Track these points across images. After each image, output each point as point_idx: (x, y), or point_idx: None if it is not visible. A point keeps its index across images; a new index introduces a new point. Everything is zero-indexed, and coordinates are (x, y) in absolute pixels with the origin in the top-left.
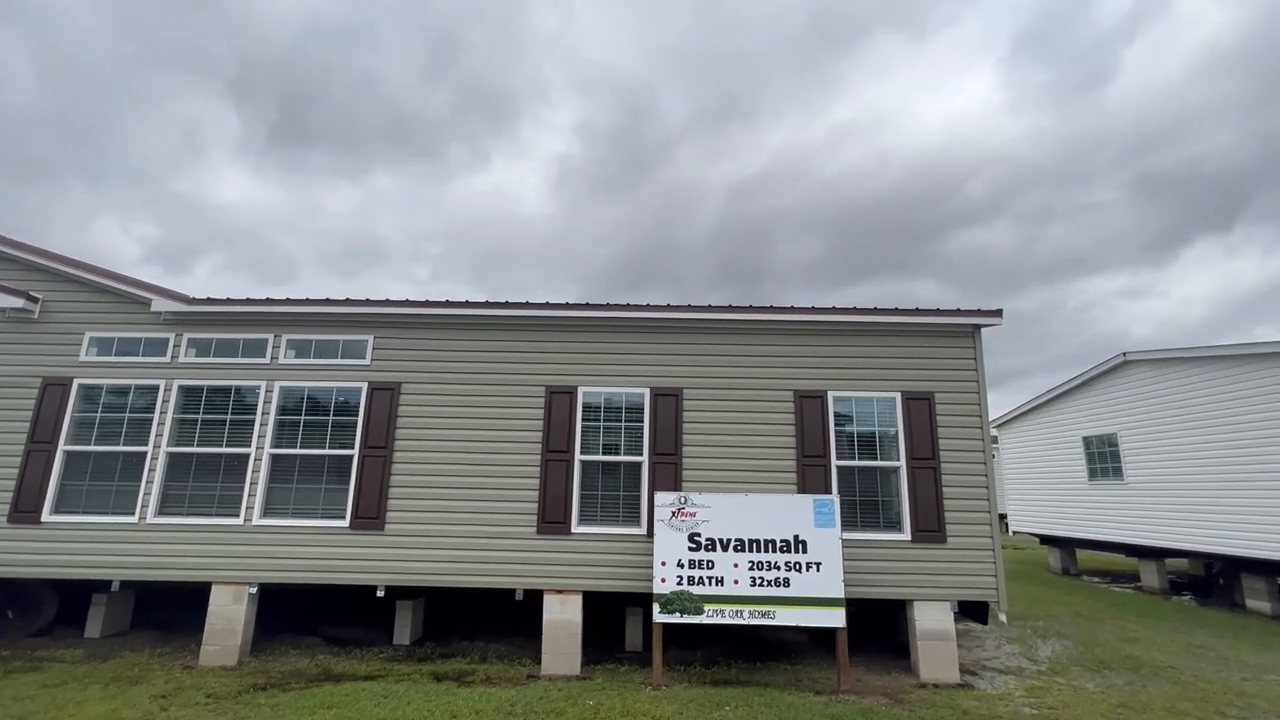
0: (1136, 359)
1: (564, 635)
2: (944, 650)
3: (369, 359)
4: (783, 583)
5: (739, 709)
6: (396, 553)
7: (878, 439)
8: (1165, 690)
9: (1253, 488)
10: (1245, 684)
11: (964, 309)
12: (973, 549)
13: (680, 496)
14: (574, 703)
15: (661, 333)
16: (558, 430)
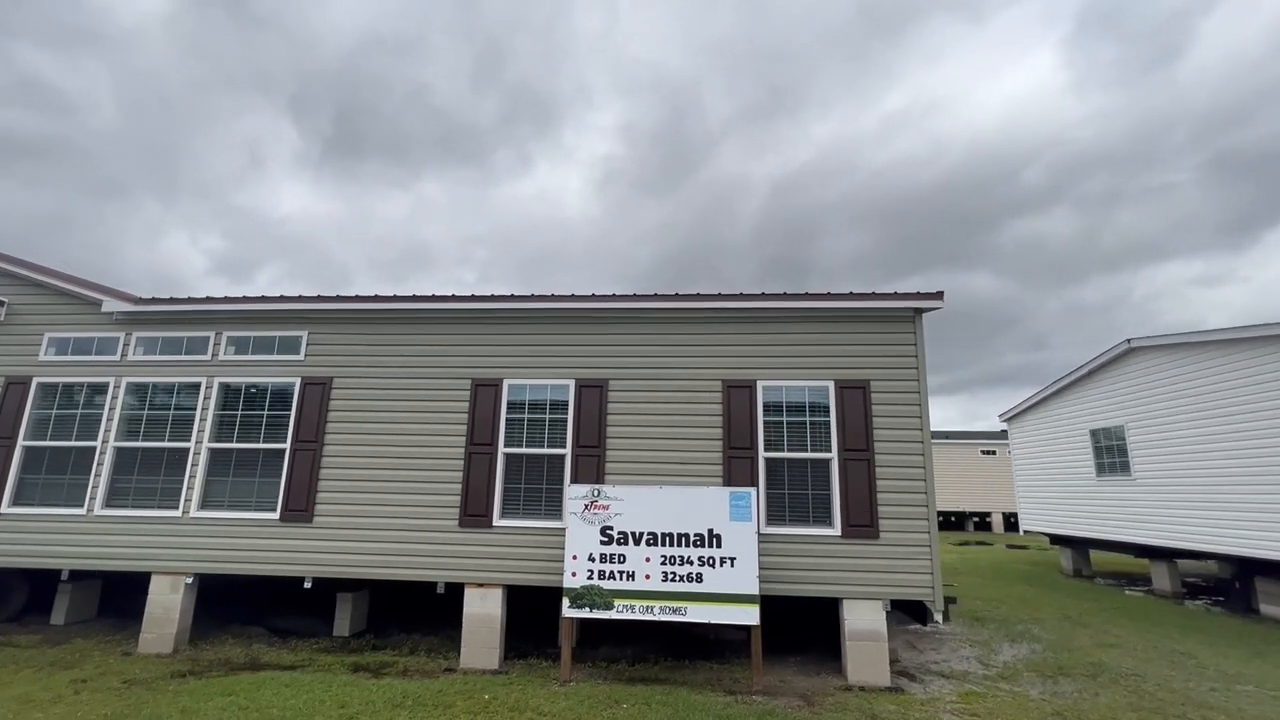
0: (1143, 345)
1: (484, 629)
2: (874, 651)
3: (303, 354)
4: (695, 578)
5: (635, 706)
6: (324, 544)
7: (808, 430)
8: (1115, 699)
9: (1266, 482)
10: (1211, 694)
11: (902, 292)
12: (907, 545)
13: (593, 489)
14: (469, 696)
15: (588, 323)
16: (482, 423)
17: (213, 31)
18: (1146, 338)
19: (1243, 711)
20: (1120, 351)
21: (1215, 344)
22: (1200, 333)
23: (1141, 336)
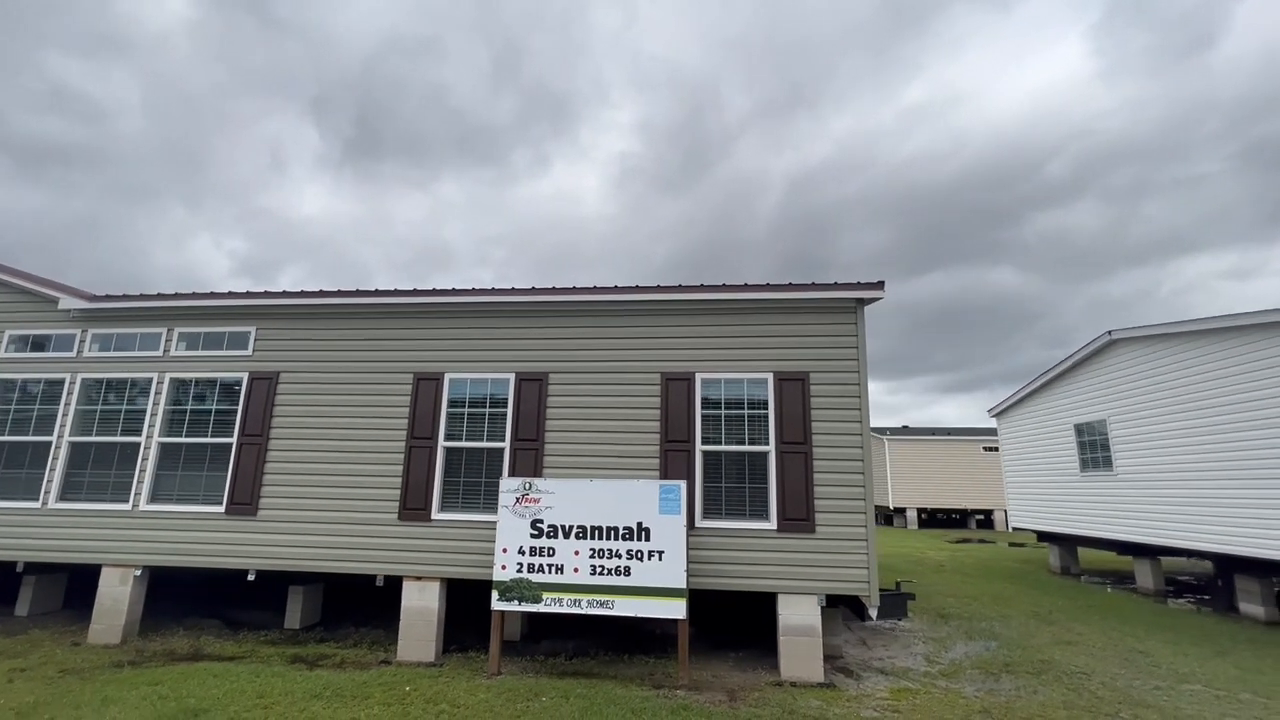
0: (1123, 337)
1: (421, 622)
2: (808, 647)
3: (251, 350)
4: (624, 571)
5: (553, 699)
6: (267, 538)
7: (746, 422)
8: (1052, 696)
9: (1245, 478)
10: (1154, 694)
11: (843, 282)
12: (844, 539)
13: (525, 482)
14: (390, 689)
15: (528, 316)
16: (423, 417)
17: (236, 35)
18: (1127, 329)
19: (1179, 710)
20: (1102, 344)
21: (1193, 335)
22: (1179, 323)
23: (1122, 328)
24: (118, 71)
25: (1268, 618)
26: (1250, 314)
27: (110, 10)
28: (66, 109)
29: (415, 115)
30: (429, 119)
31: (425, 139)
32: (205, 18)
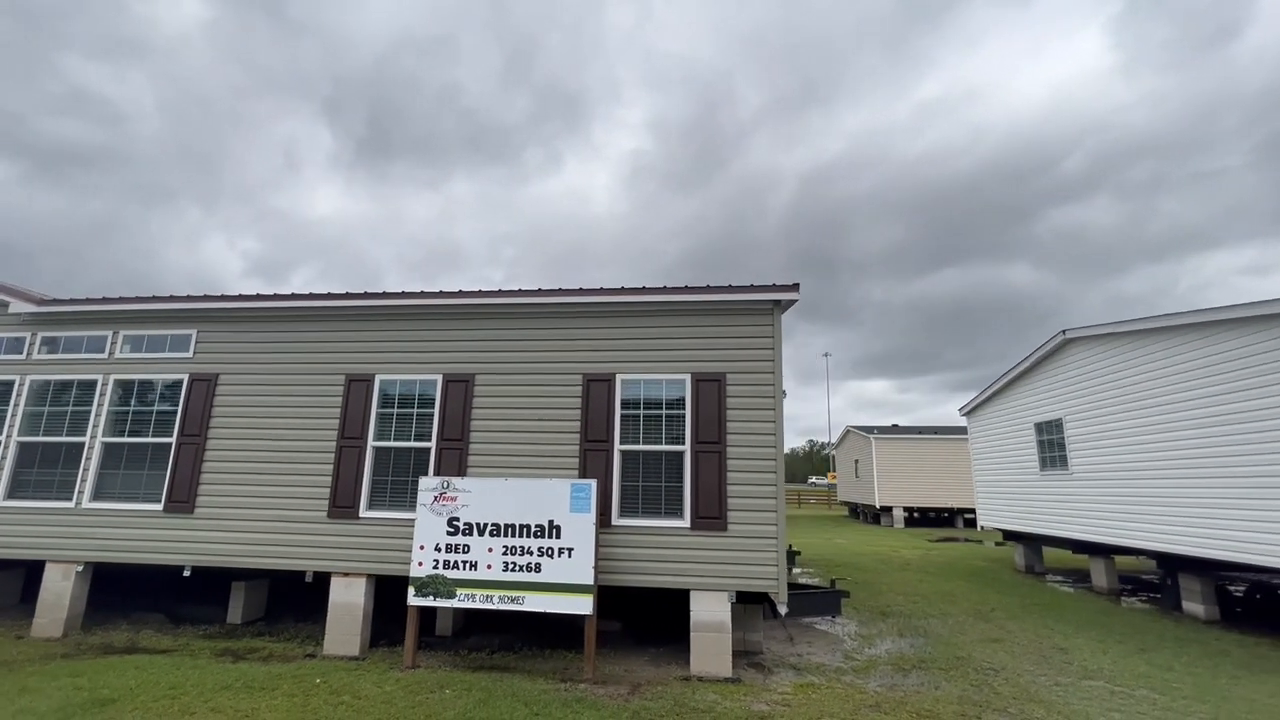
0: (1077, 336)
1: (348, 617)
2: (717, 642)
3: (192, 352)
4: (534, 568)
5: (455, 691)
6: (204, 535)
7: (664, 422)
8: (951, 691)
9: (1187, 477)
10: (1052, 689)
11: (759, 285)
12: (755, 537)
13: (443, 481)
14: (300, 680)
15: (456, 319)
16: (354, 417)
17: (251, 36)
18: (1081, 328)
19: (1068, 705)
20: (1057, 344)
21: (1138, 334)
22: (1126, 322)
23: (1075, 328)
24: (135, 74)
25: (1207, 616)
26: (1186, 313)
27: (127, 13)
28: (85, 112)
29: (428, 115)
30: (441, 118)
31: (437, 138)
32: (220, 19)
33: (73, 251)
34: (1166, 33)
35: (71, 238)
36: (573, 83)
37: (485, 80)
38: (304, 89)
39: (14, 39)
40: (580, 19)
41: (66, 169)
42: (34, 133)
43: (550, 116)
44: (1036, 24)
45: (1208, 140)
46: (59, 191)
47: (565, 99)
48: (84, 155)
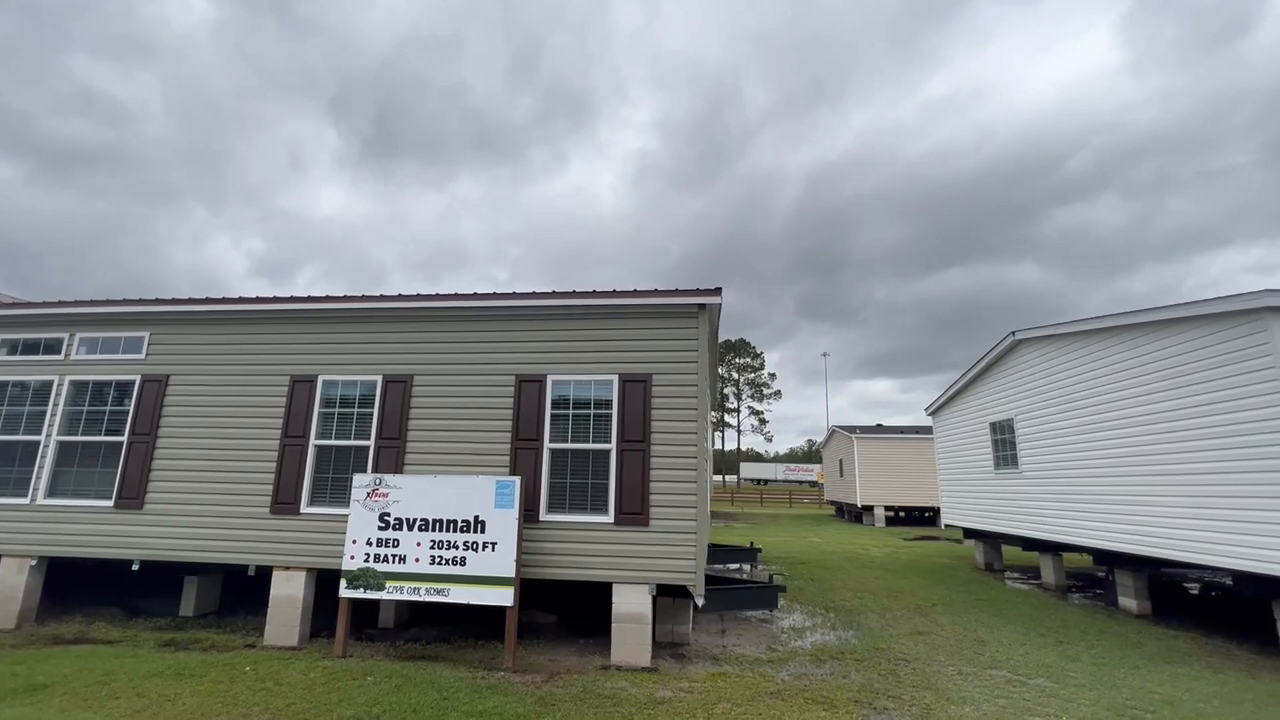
0: (1026, 337)
1: (287, 609)
2: (637, 633)
3: (144, 354)
4: (460, 561)
5: (377, 679)
6: (153, 530)
7: (592, 422)
8: (856, 680)
9: (1119, 476)
10: (953, 678)
11: (684, 289)
12: (675, 532)
13: (376, 478)
14: (231, 668)
15: (395, 321)
16: (297, 416)
17: (258, 36)
18: (1029, 329)
19: (960, 691)
20: (1009, 345)
21: (1080, 335)
22: (1070, 323)
23: (1025, 328)
24: (142, 74)
25: (1140, 611)
26: (1117, 315)
27: (136, 13)
28: (92, 111)
29: (433, 114)
30: (447, 117)
31: (443, 138)
32: (229, 18)
33: (79, 251)
34: (1176, 30)
35: (78, 237)
36: (579, 82)
37: (491, 79)
38: (311, 88)
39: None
40: (587, 18)
41: (74, 169)
42: (41, 132)
43: (556, 115)
44: (1046, 22)
45: (1216, 138)
46: (66, 191)
47: (571, 98)
48: (91, 155)
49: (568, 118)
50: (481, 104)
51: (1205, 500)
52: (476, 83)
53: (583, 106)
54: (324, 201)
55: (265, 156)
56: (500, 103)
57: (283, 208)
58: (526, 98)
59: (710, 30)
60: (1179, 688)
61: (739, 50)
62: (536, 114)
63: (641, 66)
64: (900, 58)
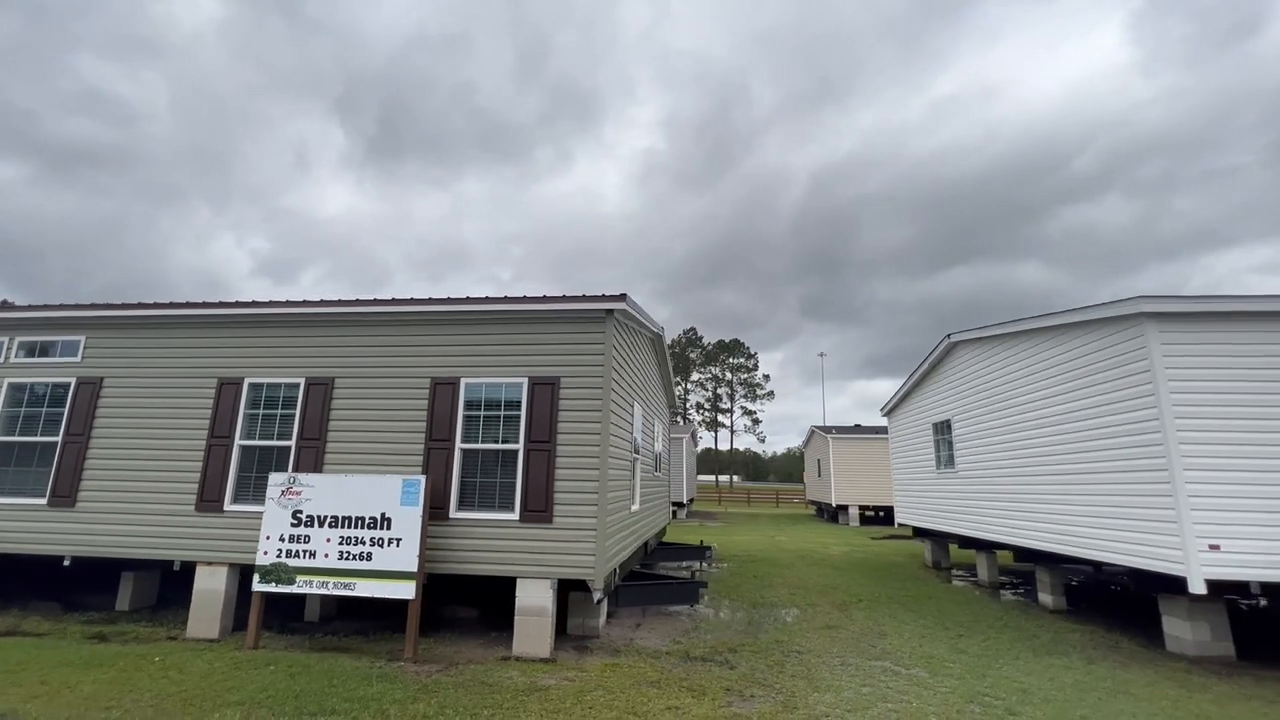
0: (961, 339)
1: (209, 603)
2: (539, 625)
3: (80, 357)
4: (366, 556)
5: (278, 669)
6: (84, 527)
7: (502, 423)
8: (740, 671)
9: (1034, 475)
10: (834, 669)
11: (591, 294)
12: (577, 529)
13: (290, 477)
14: (141, 658)
15: (318, 326)
16: (223, 417)
17: (267, 36)
18: (963, 331)
19: (834, 681)
20: (946, 347)
21: (1005, 336)
22: (996, 325)
23: (960, 330)
24: (149, 73)
25: (1055, 606)
26: (1032, 318)
27: (144, 11)
28: (98, 111)
29: (439, 113)
30: (453, 117)
31: (448, 137)
32: (236, 17)
33: (83, 252)
34: (1186, 28)
35: (82, 237)
36: (586, 81)
37: (498, 78)
38: (317, 88)
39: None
40: (595, 17)
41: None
42: (47, 132)
43: (562, 115)
44: (1055, 20)
45: (1222, 137)
46: (71, 191)
47: (578, 97)
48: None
49: (574, 117)
50: (487, 103)
51: (1100, 499)
52: (483, 82)
53: (589, 105)
54: (329, 201)
55: (270, 156)
56: (507, 102)
57: (287, 207)
58: (533, 97)
59: (719, 29)
60: (1043, 678)
61: (747, 49)
62: (543, 113)
63: (649, 65)
64: (907, 56)
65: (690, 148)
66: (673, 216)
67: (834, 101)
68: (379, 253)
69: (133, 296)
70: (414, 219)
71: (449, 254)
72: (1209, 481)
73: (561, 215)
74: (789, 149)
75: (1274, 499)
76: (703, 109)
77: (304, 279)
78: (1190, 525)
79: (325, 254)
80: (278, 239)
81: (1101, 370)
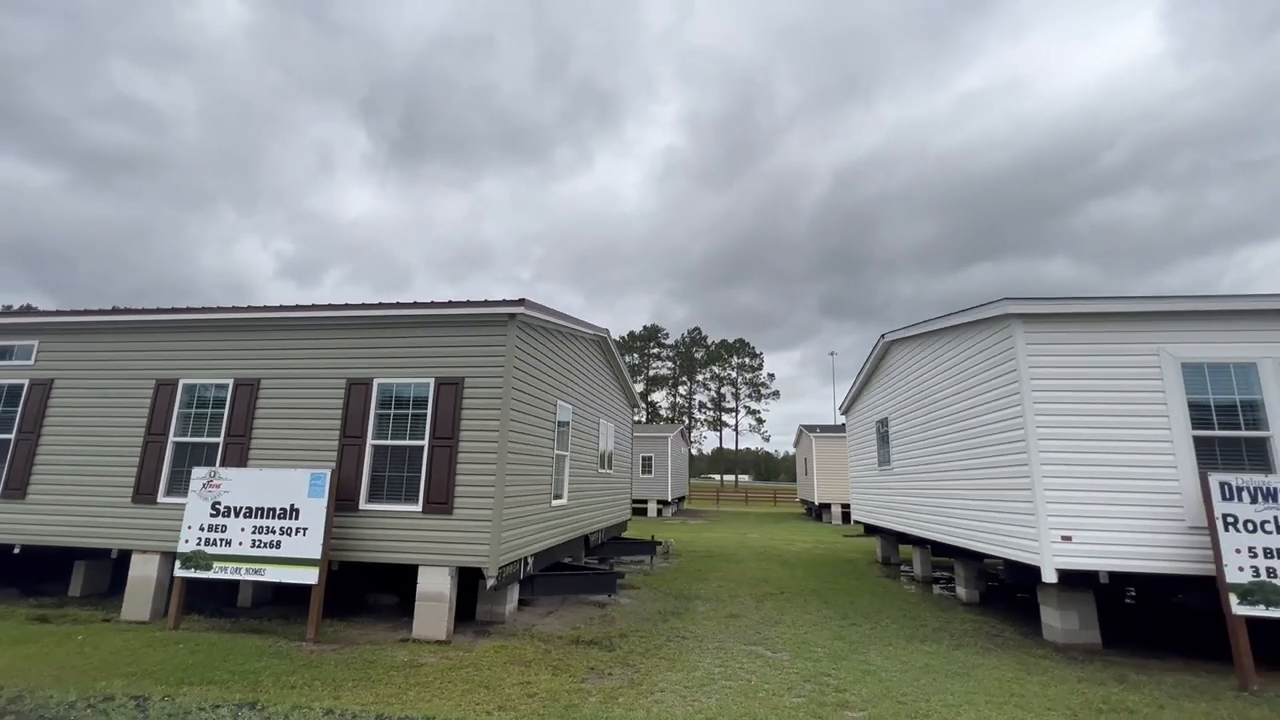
0: (893, 339)
1: (142, 588)
2: (436, 610)
3: (34, 360)
4: (275, 544)
5: (187, 645)
6: (33, 518)
7: (410, 421)
8: (615, 654)
9: (945, 472)
10: (703, 653)
11: (493, 299)
12: (475, 520)
13: (211, 471)
14: (66, 637)
15: (247, 330)
16: (159, 416)
17: (292, 40)
18: (896, 330)
19: (693, 661)
20: (883, 346)
21: (926, 335)
22: (920, 323)
23: (892, 330)
24: (178, 78)
25: (968, 599)
26: (940, 318)
27: (173, 18)
28: (129, 117)
29: (461, 115)
30: (474, 118)
31: (470, 138)
32: (263, 22)
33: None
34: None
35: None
36: (607, 80)
37: (519, 79)
38: (341, 90)
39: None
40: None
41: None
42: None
43: (583, 114)
44: (1088, 11)
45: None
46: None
47: (598, 96)
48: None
49: (595, 116)
50: (508, 104)
51: (986, 495)
52: (504, 82)
53: (610, 104)
54: (352, 203)
55: (295, 159)
56: (527, 102)
57: (311, 210)
58: (554, 97)
59: (742, 26)
60: (897, 661)
61: (771, 46)
62: (564, 113)
63: (671, 63)
64: (934, 50)
65: (711, 146)
66: (692, 215)
67: (858, 97)
68: (400, 254)
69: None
70: (435, 220)
71: (469, 255)
72: (1064, 475)
73: (581, 215)
74: (811, 146)
75: (1123, 492)
76: (724, 106)
77: (326, 281)
78: (1045, 518)
79: (347, 256)
80: (301, 241)
81: (984, 369)
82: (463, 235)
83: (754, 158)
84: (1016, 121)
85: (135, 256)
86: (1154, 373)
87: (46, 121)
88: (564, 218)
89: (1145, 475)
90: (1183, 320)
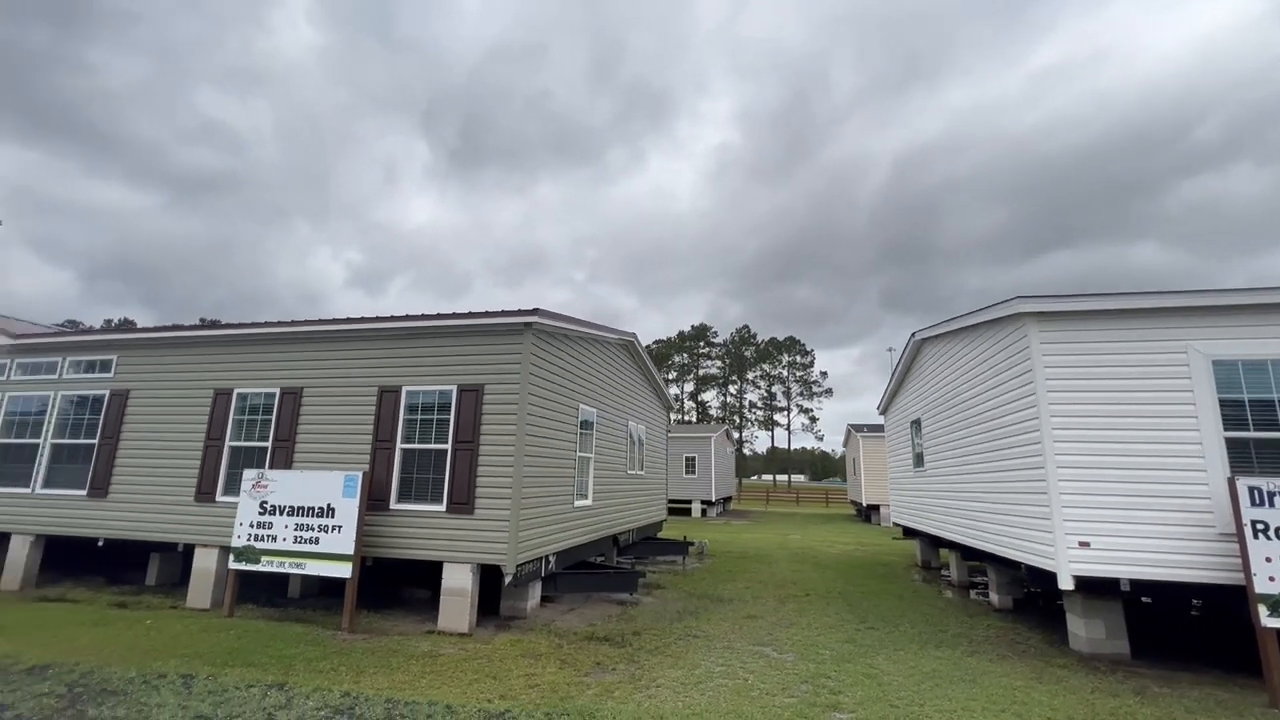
0: (924, 336)
1: (204, 579)
2: (459, 604)
3: (113, 373)
4: (314, 541)
5: (236, 632)
6: (113, 515)
7: (434, 425)
8: (624, 650)
9: (973, 477)
10: (709, 652)
11: (509, 310)
12: (495, 519)
13: (259, 473)
14: (137, 622)
15: (290, 343)
16: (218, 422)
17: (360, 56)
18: (926, 328)
19: (697, 659)
20: (914, 344)
21: (954, 333)
22: (946, 321)
23: (923, 328)
24: (258, 101)
25: (1000, 605)
26: (963, 316)
27: (252, 45)
28: (214, 140)
29: (516, 122)
30: (528, 125)
31: (524, 144)
32: (333, 42)
33: (201, 270)
34: None
35: (201, 257)
36: (658, 80)
37: (572, 84)
38: (403, 104)
39: (155, 76)
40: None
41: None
42: (171, 162)
43: (636, 115)
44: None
45: None
46: (192, 215)
47: (651, 96)
48: (211, 180)
49: (647, 117)
50: (562, 109)
51: (1008, 498)
52: (557, 89)
53: (662, 104)
54: (414, 213)
55: (362, 172)
56: (580, 107)
57: (377, 221)
58: (606, 100)
59: (796, 13)
60: (904, 665)
61: (826, 33)
62: (616, 115)
63: (723, 58)
64: (1004, 25)
65: (766, 140)
66: (746, 213)
67: (921, 80)
68: (459, 260)
69: (236, 313)
70: (492, 226)
71: (526, 259)
72: (1082, 479)
73: (635, 216)
74: (870, 134)
75: (1147, 497)
76: (779, 99)
77: (391, 289)
78: (1061, 522)
79: (410, 264)
80: (369, 251)
81: (1002, 369)
82: (519, 240)
83: (809, 150)
84: (1098, 97)
85: (219, 270)
86: (1182, 371)
87: (143, 148)
88: (617, 219)
89: (1171, 479)
90: (1214, 315)
